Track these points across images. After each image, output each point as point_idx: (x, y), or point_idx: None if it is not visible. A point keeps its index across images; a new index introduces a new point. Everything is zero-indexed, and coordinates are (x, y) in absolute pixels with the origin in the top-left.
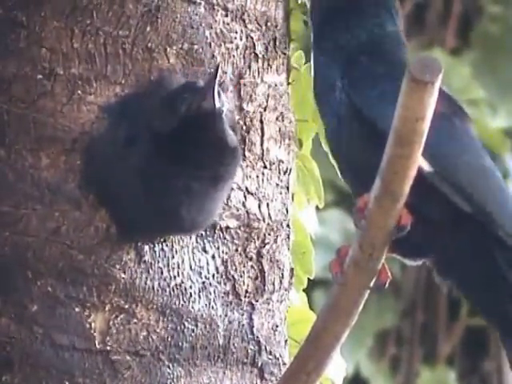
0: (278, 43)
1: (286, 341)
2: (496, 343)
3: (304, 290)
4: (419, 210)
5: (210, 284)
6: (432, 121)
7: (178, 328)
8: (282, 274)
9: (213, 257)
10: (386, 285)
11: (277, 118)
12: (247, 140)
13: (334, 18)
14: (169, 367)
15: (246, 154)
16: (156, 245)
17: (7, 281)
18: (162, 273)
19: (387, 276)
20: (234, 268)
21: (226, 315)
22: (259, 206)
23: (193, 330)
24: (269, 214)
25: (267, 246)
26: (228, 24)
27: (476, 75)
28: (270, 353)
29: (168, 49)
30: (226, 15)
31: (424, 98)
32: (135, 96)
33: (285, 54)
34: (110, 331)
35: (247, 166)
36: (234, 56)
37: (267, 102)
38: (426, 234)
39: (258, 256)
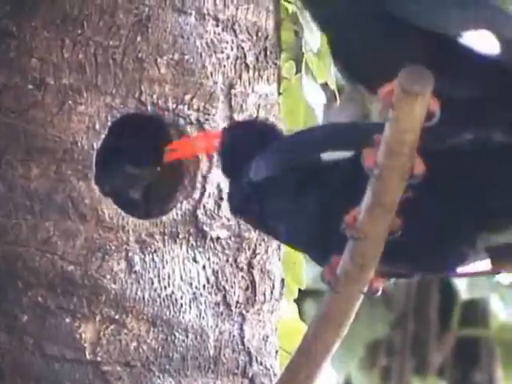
0: (268, 53)
1: (276, 351)
2: (487, 354)
3: (295, 301)
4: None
5: (201, 294)
6: None
7: (169, 339)
8: (273, 285)
9: (203, 267)
10: (378, 294)
11: None
12: None
13: None
14: (159, 378)
15: None
16: (146, 255)
17: None
18: (152, 283)
19: (378, 285)
20: (224, 278)
21: (216, 326)
22: None
23: (183, 341)
24: None
25: (258, 257)
26: (219, 34)
27: None
28: (261, 363)
29: (158, 59)
30: (217, 25)
31: (415, 109)
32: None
33: (275, 64)
34: (101, 342)
35: None
36: (224, 66)
37: (258, 112)
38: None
39: (249, 266)
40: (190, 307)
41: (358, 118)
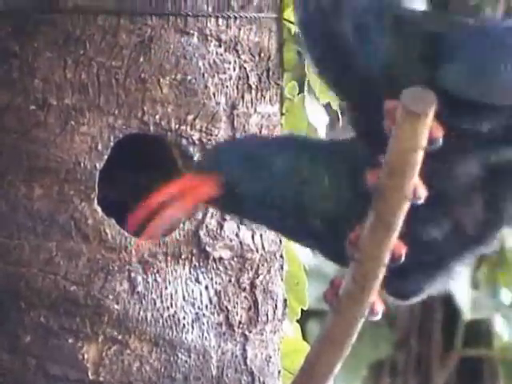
0: (271, 74)
1: (279, 372)
2: (490, 374)
3: (298, 321)
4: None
5: (204, 315)
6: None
7: (171, 359)
8: (276, 305)
9: (206, 287)
10: (380, 315)
11: None
12: None
13: None
14: None
15: None
16: (149, 275)
17: (0, 312)
18: (155, 303)
19: (381, 306)
20: (227, 299)
21: (219, 346)
22: (252, 237)
23: (186, 361)
24: (262, 245)
25: (261, 277)
26: (221, 55)
27: None
28: None
29: (161, 79)
30: (220, 46)
31: (417, 129)
32: None
33: (278, 84)
34: (103, 362)
35: None
36: (227, 86)
37: (261, 132)
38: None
39: (252, 287)
40: (193, 327)
41: None
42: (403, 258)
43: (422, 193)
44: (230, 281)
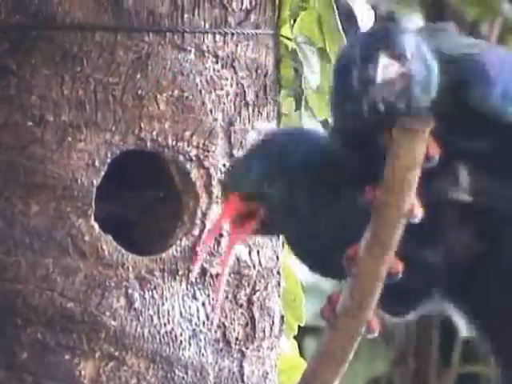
0: (268, 90)
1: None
2: None
3: (295, 337)
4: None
5: (201, 331)
6: None
7: (169, 375)
8: (273, 321)
9: (203, 304)
10: (376, 332)
11: None
12: None
13: None
14: None
15: None
16: (146, 292)
17: None
18: (152, 320)
19: (378, 323)
20: (224, 315)
21: (216, 362)
22: (249, 253)
23: (183, 378)
24: (259, 261)
25: (258, 293)
26: (218, 71)
27: None
28: None
29: (158, 96)
30: (217, 62)
31: (415, 147)
32: None
33: (275, 100)
34: (100, 379)
35: None
36: (224, 103)
37: None
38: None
39: (249, 303)
40: (190, 344)
41: None
42: (400, 275)
43: (419, 212)
44: (226, 297)
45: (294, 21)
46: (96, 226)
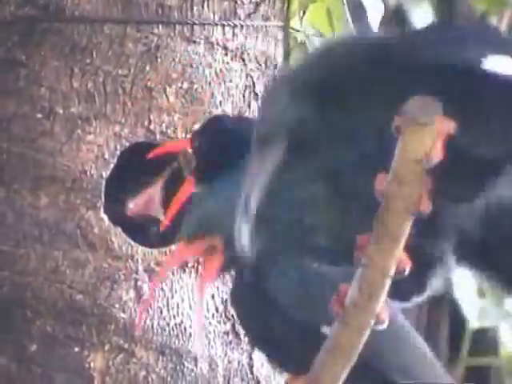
0: None
1: (286, 382)
2: (497, 383)
3: None
4: None
5: (210, 323)
6: None
7: (178, 368)
8: None
9: (212, 296)
10: (386, 324)
11: None
12: None
13: None
14: None
15: None
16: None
17: (6, 320)
18: (161, 312)
19: (387, 315)
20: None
21: (225, 355)
22: None
23: (192, 370)
24: None
25: None
26: (228, 63)
27: None
28: None
29: (167, 88)
30: (226, 54)
31: (423, 139)
32: None
33: None
34: (110, 371)
35: None
36: (233, 95)
37: None
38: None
39: None
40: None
41: None
42: (406, 273)
43: (427, 205)
44: None
45: (304, 13)
46: (105, 218)
